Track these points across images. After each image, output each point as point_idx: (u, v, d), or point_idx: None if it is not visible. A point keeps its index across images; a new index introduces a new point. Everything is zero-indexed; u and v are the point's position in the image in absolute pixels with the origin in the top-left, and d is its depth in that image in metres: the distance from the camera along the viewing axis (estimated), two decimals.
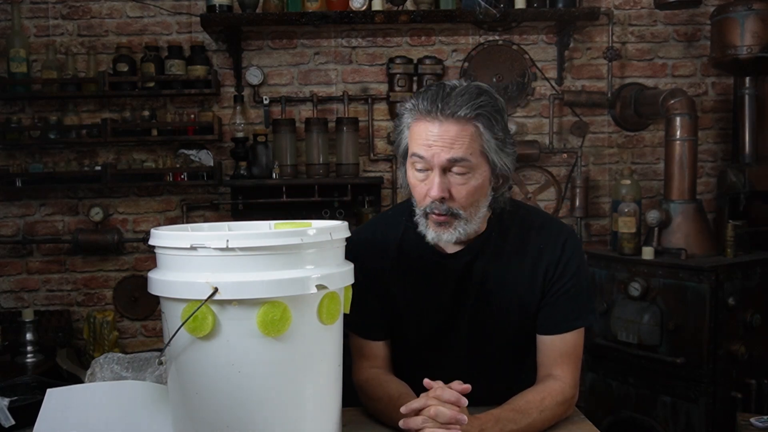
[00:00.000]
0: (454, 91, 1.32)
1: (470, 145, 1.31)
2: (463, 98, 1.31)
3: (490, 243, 1.45)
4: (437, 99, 1.31)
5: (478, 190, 1.36)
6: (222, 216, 3.14)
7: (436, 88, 1.35)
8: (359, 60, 3.19)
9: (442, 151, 1.31)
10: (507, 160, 1.37)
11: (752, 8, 2.72)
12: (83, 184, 3.08)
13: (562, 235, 1.46)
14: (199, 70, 3.01)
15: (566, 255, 1.44)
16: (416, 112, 1.34)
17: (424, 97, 1.33)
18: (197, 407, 1.10)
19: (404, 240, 1.49)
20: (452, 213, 1.35)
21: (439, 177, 1.32)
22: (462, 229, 1.37)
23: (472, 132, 1.32)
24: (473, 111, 1.30)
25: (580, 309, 1.44)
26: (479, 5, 2.90)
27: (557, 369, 1.43)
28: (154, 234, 1.13)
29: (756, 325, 2.55)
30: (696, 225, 2.70)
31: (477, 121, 1.31)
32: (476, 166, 1.33)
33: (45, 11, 3.12)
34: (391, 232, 1.51)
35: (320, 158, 3.03)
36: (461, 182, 1.34)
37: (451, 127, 1.31)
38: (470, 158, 1.32)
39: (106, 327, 2.92)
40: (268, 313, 1.05)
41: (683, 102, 2.72)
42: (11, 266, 3.16)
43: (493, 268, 1.45)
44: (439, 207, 1.34)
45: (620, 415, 2.69)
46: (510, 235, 1.46)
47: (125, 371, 1.35)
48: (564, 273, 1.44)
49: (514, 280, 1.45)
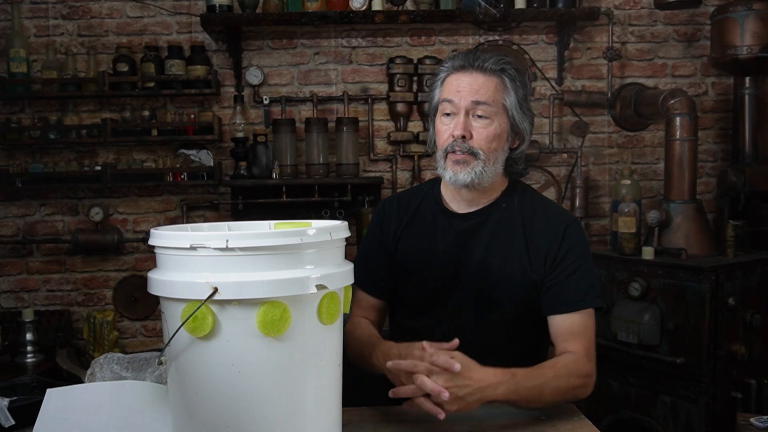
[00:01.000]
0: (485, 53, 1.56)
1: (493, 94, 1.50)
2: (491, 55, 1.53)
3: (498, 212, 1.58)
4: (469, 55, 1.53)
5: (496, 136, 1.51)
6: (222, 216, 3.14)
7: (468, 51, 1.59)
8: (359, 60, 3.19)
9: (468, 95, 1.50)
10: (525, 121, 1.55)
11: (752, 8, 2.72)
12: (83, 184, 3.08)
13: (564, 221, 1.55)
14: (199, 70, 3.01)
15: (568, 240, 1.52)
16: (450, 69, 1.55)
17: (458, 57, 1.55)
18: (197, 407, 1.10)
19: (422, 205, 1.66)
20: (471, 152, 1.50)
21: (463, 117, 1.50)
22: (479, 170, 1.50)
23: (497, 83, 1.51)
24: (498, 66, 1.51)
25: (586, 291, 1.49)
26: (479, 5, 2.90)
27: (569, 345, 1.47)
28: (154, 234, 1.13)
29: (756, 325, 2.55)
30: (696, 225, 2.70)
31: (502, 74, 1.52)
32: (496, 114, 1.51)
33: (45, 11, 3.12)
34: (414, 197, 1.69)
35: (320, 158, 3.03)
36: (482, 125, 1.50)
37: (478, 77, 1.51)
38: (492, 104, 1.50)
39: (106, 327, 2.92)
40: (268, 313, 1.05)
41: (683, 102, 2.72)
42: (11, 266, 3.16)
43: (499, 234, 1.55)
44: (460, 145, 1.50)
45: (620, 415, 2.70)
46: (517, 210, 1.58)
47: (125, 371, 1.35)
48: (566, 257, 1.51)
49: (518, 250, 1.54)
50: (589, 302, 1.49)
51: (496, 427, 1.36)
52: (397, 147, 3.19)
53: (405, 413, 1.43)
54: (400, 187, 3.17)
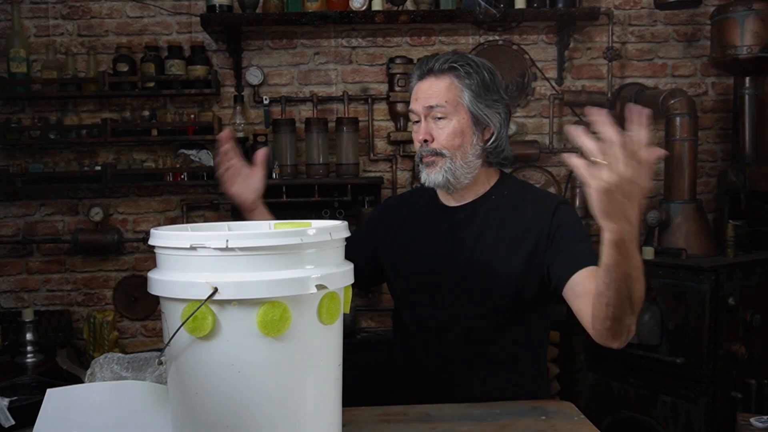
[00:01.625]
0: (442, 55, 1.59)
1: (445, 94, 1.55)
2: (440, 58, 1.58)
3: (488, 204, 1.62)
4: (423, 61, 1.60)
5: (457, 133, 1.56)
6: (222, 216, 3.14)
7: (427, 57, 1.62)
8: (359, 60, 3.19)
9: (423, 100, 1.57)
10: (488, 111, 1.57)
11: (752, 8, 2.72)
12: (83, 184, 3.08)
13: (554, 203, 1.58)
14: (199, 70, 3.01)
15: (558, 218, 1.54)
16: (414, 79, 1.62)
17: (417, 64, 1.63)
18: (197, 407, 1.10)
19: (418, 200, 1.73)
20: (436, 152, 1.56)
21: (423, 123, 1.57)
22: (447, 167, 1.55)
23: (448, 83, 1.56)
24: (447, 65, 1.56)
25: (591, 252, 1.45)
26: (479, 5, 2.90)
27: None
28: (154, 234, 1.13)
29: (756, 325, 2.55)
30: (696, 225, 2.70)
31: (451, 73, 1.56)
32: (453, 112, 1.55)
33: (45, 11, 3.12)
34: (413, 195, 1.78)
35: (320, 158, 3.03)
36: (441, 126, 1.56)
37: (432, 82, 1.57)
38: (445, 105, 1.55)
39: (106, 327, 2.92)
40: (267, 313, 1.05)
41: (683, 102, 2.72)
42: (11, 266, 3.16)
43: (489, 225, 1.59)
44: (425, 149, 1.57)
45: (620, 415, 2.69)
46: (507, 200, 1.62)
47: (125, 371, 1.35)
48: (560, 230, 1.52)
49: (508, 240, 1.56)
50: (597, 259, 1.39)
51: (496, 427, 1.36)
52: (397, 147, 3.19)
53: (405, 413, 1.44)
54: (400, 187, 3.17)
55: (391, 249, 1.70)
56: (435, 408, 1.46)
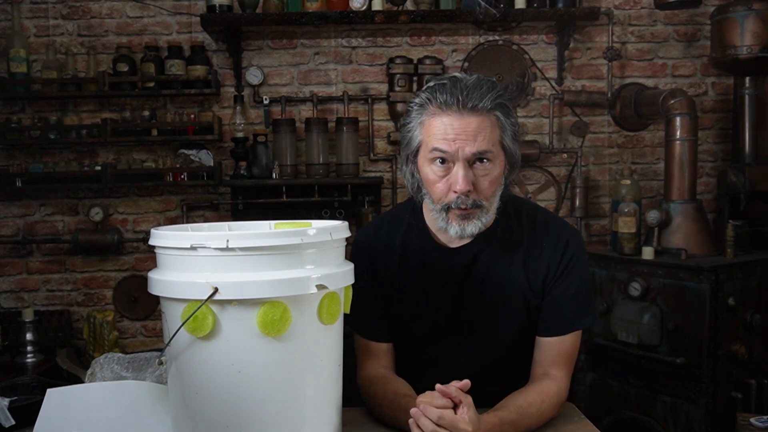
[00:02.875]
0: (470, 84, 1.32)
1: (491, 137, 1.32)
2: (482, 90, 1.31)
3: (495, 237, 1.45)
4: (456, 92, 1.31)
5: (498, 179, 1.37)
6: (222, 216, 3.14)
7: (450, 82, 1.33)
8: (359, 60, 3.19)
9: (466, 145, 1.30)
10: (517, 148, 1.39)
11: (752, 8, 2.72)
12: (83, 184, 3.07)
13: (565, 235, 1.46)
14: (199, 70, 3.01)
15: (568, 255, 1.44)
16: (432, 107, 1.34)
17: (441, 90, 1.32)
18: (197, 407, 1.10)
19: (408, 239, 1.49)
20: (477, 205, 1.35)
21: (464, 170, 1.31)
22: (484, 218, 1.37)
23: (493, 122, 1.33)
24: (493, 102, 1.32)
25: (580, 311, 1.44)
26: (479, 5, 2.90)
27: (554, 369, 1.43)
28: (154, 234, 1.13)
29: (756, 325, 2.55)
30: (696, 225, 2.70)
31: (497, 111, 1.33)
32: (496, 156, 1.35)
33: (45, 11, 3.12)
34: (395, 233, 1.51)
35: (320, 158, 3.03)
36: (484, 173, 1.34)
37: (472, 120, 1.31)
38: (493, 149, 1.33)
39: (106, 327, 2.92)
40: (268, 313, 1.05)
41: (683, 102, 2.71)
42: (11, 266, 3.16)
43: (497, 263, 1.45)
44: (465, 201, 1.33)
45: (620, 415, 2.69)
46: (515, 231, 1.47)
47: (125, 371, 1.35)
48: (564, 274, 1.43)
49: (517, 275, 1.45)
50: (581, 323, 1.44)
51: None
52: (397, 147, 3.18)
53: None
54: (400, 187, 3.17)
55: (398, 302, 1.50)
56: None
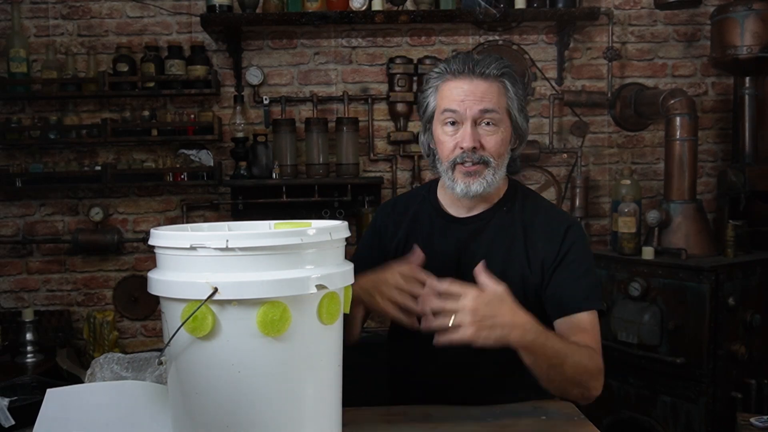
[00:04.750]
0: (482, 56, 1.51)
1: (498, 100, 1.48)
2: (491, 59, 1.49)
3: (499, 217, 1.56)
4: (468, 61, 1.48)
5: (504, 142, 1.50)
6: (222, 216, 3.14)
7: (463, 54, 1.53)
8: (359, 60, 3.19)
9: (474, 104, 1.46)
10: (524, 121, 1.54)
11: (752, 8, 2.72)
12: (83, 184, 3.07)
13: (565, 223, 1.54)
14: (199, 70, 3.01)
15: (568, 243, 1.51)
16: (446, 75, 1.50)
17: (455, 61, 1.50)
18: (197, 407, 1.10)
19: (419, 209, 1.63)
20: (483, 161, 1.48)
21: (471, 128, 1.46)
22: (490, 178, 1.49)
23: (499, 88, 1.49)
24: (500, 70, 1.48)
25: (587, 292, 1.48)
26: (479, 5, 2.90)
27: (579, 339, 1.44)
28: (154, 234, 1.13)
29: (756, 325, 2.55)
30: (696, 225, 2.70)
31: (504, 79, 1.49)
32: (501, 120, 1.49)
33: (45, 11, 3.12)
34: (410, 206, 1.66)
35: (320, 158, 3.03)
36: (490, 132, 1.48)
37: (480, 84, 1.47)
38: (498, 111, 1.48)
39: (106, 327, 2.92)
40: (267, 313, 1.05)
41: (683, 102, 2.71)
42: (11, 266, 3.16)
43: (497, 241, 1.54)
44: (470, 156, 1.47)
45: (620, 415, 2.69)
46: (518, 213, 1.56)
47: (125, 371, 1.35)
48: (567, 259, 1.49)
49: (518, 254, 1.52)
50: (593, 303, 1.48)
51: (496, 427, 1.36)
52: (397, 147, 3.19)
53: (405, 413, 1.44)
54: (400, 187, 3.17)
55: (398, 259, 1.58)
56: (435, 408, 1.46)
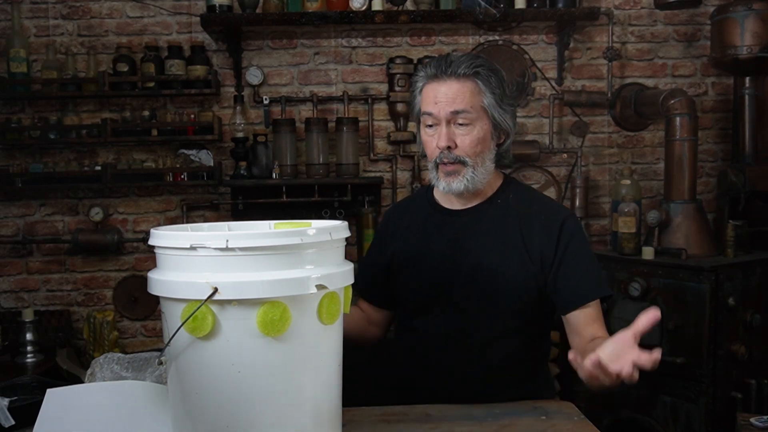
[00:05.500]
0: (455, 56, 1.55)
1: (470, 99, 1.51)
2: (464, 59, 1.53)
3: (493, 209, 1.60)
4: (441, 63, 1.53)
5: (480, 140, 1.54)
6: (222, 216, 3.14)
7: (440, 57, 1.56)
8: (359, 60, 3.19)
9: (446, 105, 1.51)
10: (506, 116, 1.56)
11: (752, 8, 2.72)
12: (83, 184, 3.07)
13: (560, 216, 1.57)
14: (199, 70, 3.01)
15: (566, 236, 1.54)
16: (426, 78, 1.56)
17: (431, 64, 1.55)
18: (197, 407, 1.10)
19: (419, 205, 1.70)
20: (459, 160, 1.53)
21: (445, 128, 1.52)
22: (470, 176, 1.53)
23: (472, 87, 1.52)
24: (471, 69, 1.51)
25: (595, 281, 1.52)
26: (479, 5, 2.90)
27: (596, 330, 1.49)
28: (154, 234, 1.13)
29: (756, 325, 2.54)
30: (696, 225, 2.70)
31: (476, 78, 1.52)
32: (477, 118, 1.53)
33: (45, 11, 3.12)
34: (411, 204, 1.75)
35: (320, 158, 3.03)
36: (464, 132, 1.53)
37: (453, 85, 1.51)
38: (471, 110, 1.51)
39: (106, 327, 2.92)
40: (267, 313, 1.05)
41: (683, 102, 2.71)
42: (11, 266, 3.16)
43: (492, 233, 1.57)
44: (447, 155, 1.53)
45: (620, 415, 2.69)
46: (512, 206, 1.60)
47: (125, 371, 1.35)
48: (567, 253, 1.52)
49: (513, 248, 1.55)
50: (603, 290, 1.53)
51: (496, 427, 1.36)
52: (397, 147, 3.18)
53: (405, 413, 1.44)
54: (400, 187, 3.17)
55: (396, 255, 1.67)
56: (435, 408, 1.46)
